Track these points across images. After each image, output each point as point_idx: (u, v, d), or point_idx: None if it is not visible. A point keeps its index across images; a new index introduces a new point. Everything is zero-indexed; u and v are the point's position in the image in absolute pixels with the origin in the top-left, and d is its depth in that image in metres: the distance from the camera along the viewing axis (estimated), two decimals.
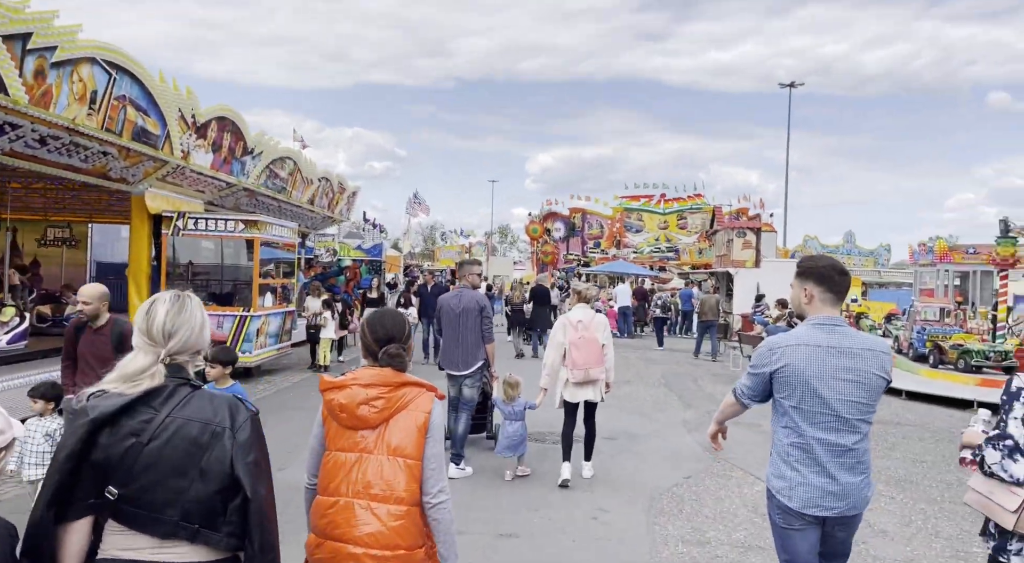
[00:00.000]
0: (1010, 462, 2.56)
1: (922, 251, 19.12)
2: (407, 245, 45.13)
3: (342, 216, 22.47)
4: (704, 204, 42.82)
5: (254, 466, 1.87)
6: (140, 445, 1.81)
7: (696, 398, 11.32)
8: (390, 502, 2.33)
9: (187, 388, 1.92)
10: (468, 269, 7.22)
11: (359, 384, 2.42)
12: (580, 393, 6.39)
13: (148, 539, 1.82)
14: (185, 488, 1.82)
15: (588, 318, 6.42)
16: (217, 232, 12.57)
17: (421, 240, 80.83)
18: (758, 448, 7.97)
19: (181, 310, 1.98)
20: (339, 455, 2.41)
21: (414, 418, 2.40)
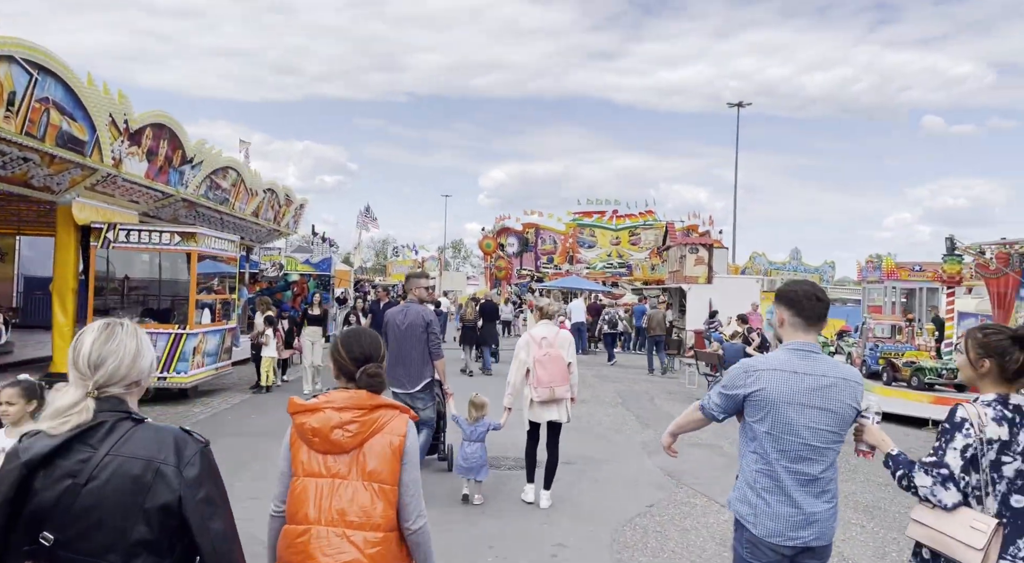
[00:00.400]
0: (941, 489, 2.50)
1: (870, 268, 19.32)
2: (358, 259, 44.21)
3: (289, 229, 21.72)
4: (655, 220, 43.17)
5: (204, 504, 1.75)
6: (77, 486, 1.69)
7: (653, 418, 10.99)
8: (366, 529, 2.24)
9: (128, 422, 1.78)
10: (415, 282, 6.85)
11: (332, 407, 2.31)
12: (545, 413, 6.12)
13: None
14: (127, 530, 1.69)
15: (552, 335, 6.16)
16: (151, 245, 11.80)
17: (373, 255, 79.73)
18: (721, 473, 7.64)
19: (109, 339, 1.82)
20: (310, 481, 2.29)
21: (389, 442, 2.31)
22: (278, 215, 20.19)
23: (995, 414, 2.53)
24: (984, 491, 2.50)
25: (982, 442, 2.48)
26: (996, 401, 2.56)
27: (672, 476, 7.60)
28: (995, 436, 2.49)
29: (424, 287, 6.84)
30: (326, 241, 28.44)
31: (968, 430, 2.50)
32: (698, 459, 8.37)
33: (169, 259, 13.18)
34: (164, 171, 13.16)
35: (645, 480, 7.44)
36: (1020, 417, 2.55)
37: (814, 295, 2.87)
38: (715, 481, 7.38)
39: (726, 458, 8.48)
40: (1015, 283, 16.05)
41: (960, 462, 2.49)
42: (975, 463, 2.49)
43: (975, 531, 2.44)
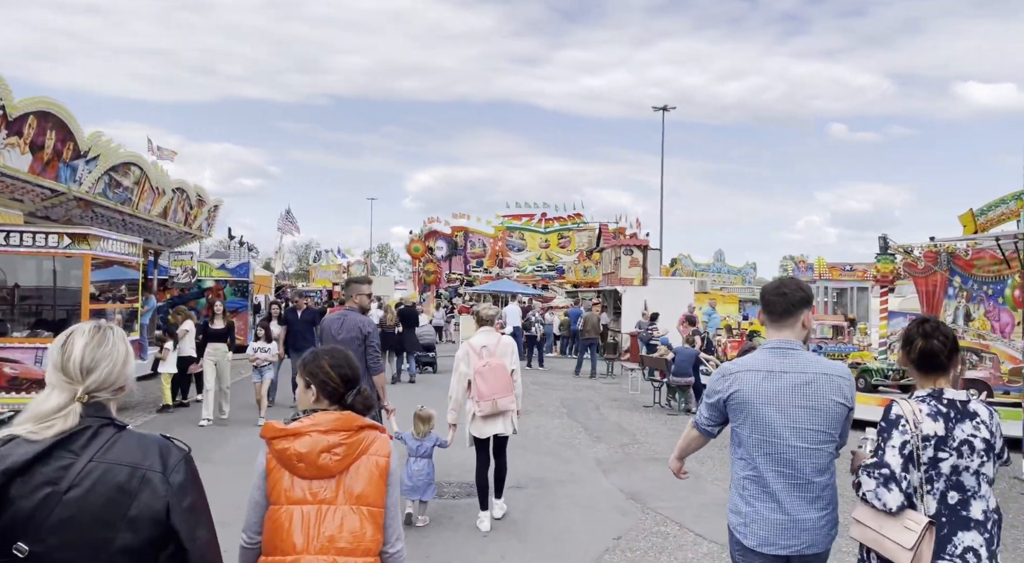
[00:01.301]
0: (884, 491, 2.43)
1: (801, 268, 19.29)
2: (279, 265, 42.21)
3: (203, 232, 20.05)
4: (584, 223, 43.01)
5: (190, 512, 1.70)
6: (57, 494, 1.58)
7: (603, 429, 10.24)
8: (357, 554, 2.17)
9: (111, 429, 1.70)
10: (356, 288, 6.15)
11: (318, 430, 2.22)
12: (489, 427, 5.67)
13: None
14: (111, 540, 1.60)
15: (493, 342, 5.70)
16: (36, 247, 10.29)
17: (295, 260, 77.02)
18: (687, 493, 6.92)
19: (102, 343, 1.75)
20: (295, 509, 2.17)
21: (375, 463, 2.25)
22: (189, 217, 18.55)
23: (929, 410, 2.47)
24: (923, 489, 2.44)
25: (919, 439, 2.43)
26: (930, 396, 2.50)
27: (635, 498, 6.82)
28: (931, 432, 2.43)
29: (366, 294, 6.15)
30: (244, 245, 26.73)
31: (904, 426, 2.45)
32: (658, 477, 7.63)
33: (63, 265, 11.62)
34: (52, 166, 11.59)
35: (606, 504, 6.63)
36: (955, 412, 2.48)
37: (777, 290, 2.78)
38: (683, 503, 6.64)
39: (695, 478, 7.76)
40: (943, 282, 16.17)
41: (900, 460, 2.42)
42: (913, 460, 2.44)
43: (907, 530, 2.38)
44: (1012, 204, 14.56)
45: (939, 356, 2.52)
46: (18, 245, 10.22)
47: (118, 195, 14.20)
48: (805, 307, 2.77)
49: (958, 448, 2.44)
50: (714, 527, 5.90)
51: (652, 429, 10.31)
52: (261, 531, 2.21)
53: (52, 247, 10.34)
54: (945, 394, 2.51)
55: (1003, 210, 14.77)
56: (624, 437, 9.69)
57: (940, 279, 16.10)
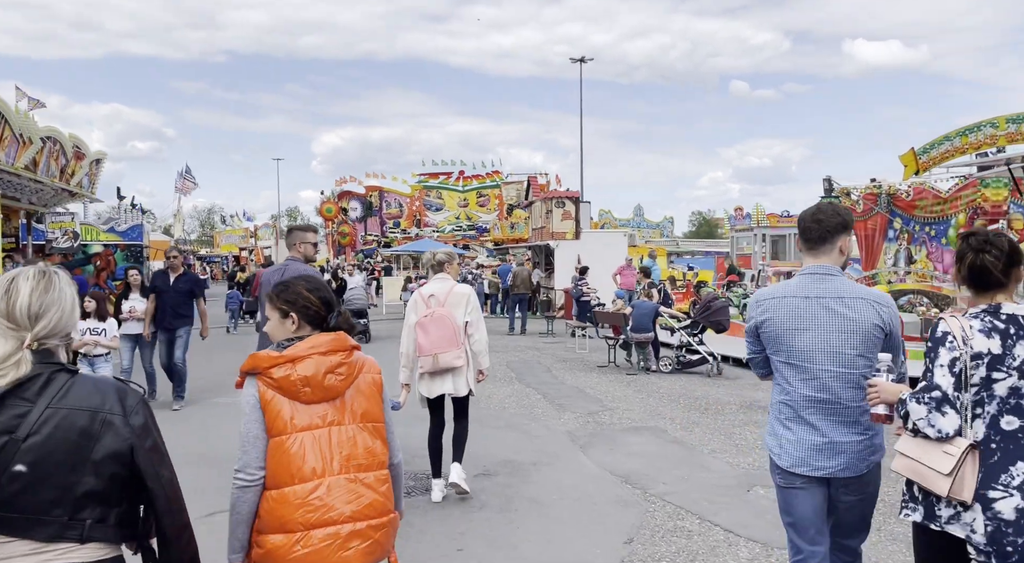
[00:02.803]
0: (937, 415, 2.18)
1: (738, 216, 18.56)
2: (179, 229, 38.82)
3: (84, 190, 17.37)
4: (502, 180, 41.60)
5: (153, 452, 1.70)
6: (16, 442, 1.57)
7: (563, 395, 8.98)
8: (374, 468, 2.19)
9: (65, 374, 1.66)
10: (299, 236, 5.35)
11: (319, 352, 2.16)
12: (437, 386, 5.01)
13: (24, 544, 1.58)
14: (74, 484, 1.59)
15: (443, 291, 5.03)
16: None
17: (198, 225, 72.28)
18: (693, 472, 5.74)
19: (49, 288, 1.69)
20: (304, 435, 2.12)
21: (372, 380, 2.28)
22: (66, 171, 15.90)
23: (982, 326, 2.24)
24: (972, 412, 2.22)
25: (968, 357, 2.20)
26: (985, 312, 2.26)
27: (630, 482, 5.57)
28: (984, 349, 2.20)
29: (311, 242, 5.37)
30: (136, 206, 23.86)
31: (952, 343, 2.23)
32: (645, 452, 6.42)
33: None
34: None
35: (599, 492, 5.34)
36: (1017, 328, 2.21)
37: (814, 216, 2.70)
38: (689, 485, 5.44)
39: (680, 446, 6.60)
40: (883, 224, 15.70)
41: (951, 379, 2.20)
42: (963, 380, 2.21)
43: (946, 455, 2.18)
44: (957, 141, 14.03)
45: (992, 272, 2.24)
46: None
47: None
48: (843, 232, 2.68)
49: (1019, 368, 2.18)
50: (740, 518, 4.73)
51: (618, 393, 9.13)
52: (263, 466, 2.11)
53: None
54: (1003, 309, 2.24)
55: (947, 147, 14.23)
56: (590, 404, 8.46)
57: (880, 221, 15.63)
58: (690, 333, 10.55)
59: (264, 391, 2.13)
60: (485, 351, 5.07)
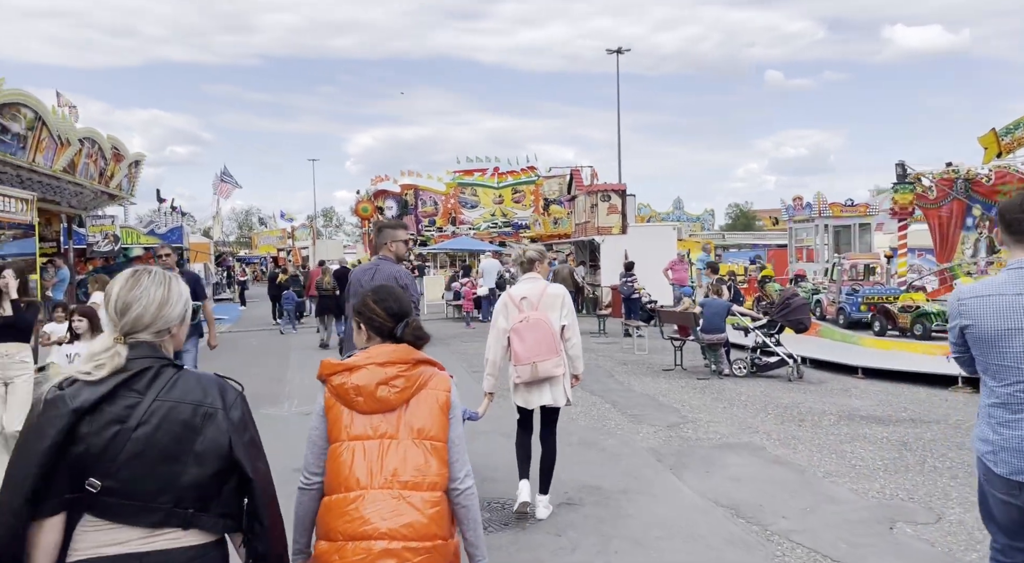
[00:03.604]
0: None
1: (797, 206, 17.44)
2: (218, 231, 38.72)
3: (123, 192, 17.00)
4: (539, 176, 40.77)
5: (251, 445, 1.76)
6: (127, 432, 1.64)
7: (635, 405, 8.16)
8: (423, 489, 2.05)
9: (172, 369, 1.74)
10: (390, 234, 4.89)
11: (375, 363, 2.12)
12: (534, 396, 4.61)
13: (135, 530, 1.65)
14: (179, 473, 1.67)
15: (536, 292, 4.60)
16: None
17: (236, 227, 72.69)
18: (817, 502, 4.90)
19: (134, 286, 1.78)
20: (357, 444, 2.08)
21: (435, 397, 2.15)
22: (105, 173, 15.52)
23: None
24: None
25: None
26: None
27: (742, 515, 4.74)
28: None
29: (402, 240, 4.90)
30: (176, 209, 23.56)
31: None
32: (751, 475, 5.58)
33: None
34: None
35: (710, 531, 4.51)
36: None
37: (1020, 207, 2.50)
38: (817, 520, 4.59)
39: (787, 468, 5.74)
40: (960, 211, 14.53)
41: None
42: None
43: None
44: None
45: None
46: None
47: (7, 144, 11.23)
48: None
49: None
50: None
51: (694, 401, 8.28)
52: (320, 471, 2.12)
53: None
54: None
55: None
56: (668, 414, 7.63)
57: (956, 208, 14.47)
58: (766, 333, 9.65)
59: (328, 397, 2.13)
60: (580, 355, 4.70)
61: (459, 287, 19.19)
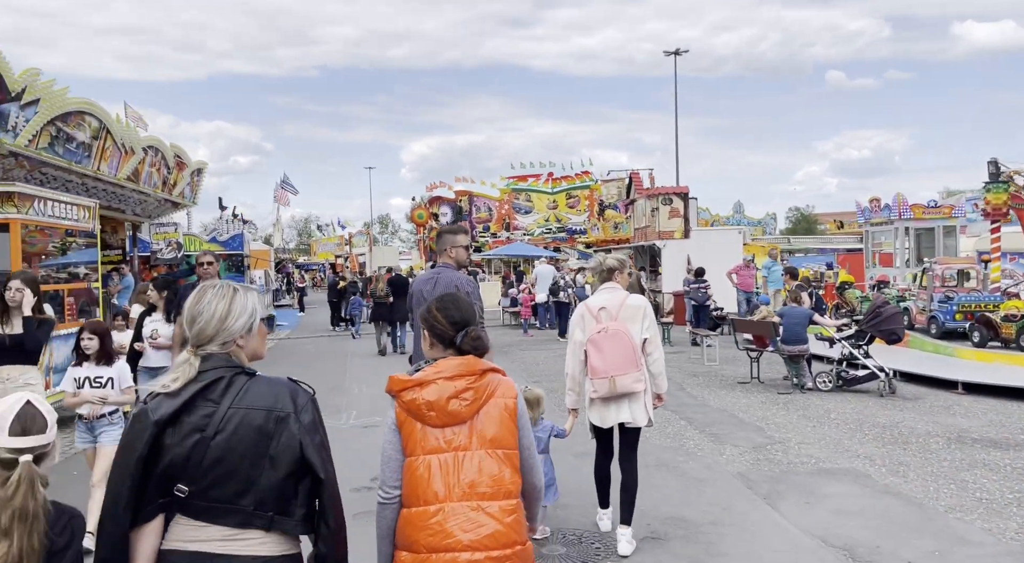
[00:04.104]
0: None
1: (874, 208, 16.38)
2: (278, 238, 39.29)
3: (186, 199, 17.13)
4: (593, 181, 40.13)
5: (321, 448, 1.80)
6: (206, 440, 1.73)
7: (714, 422, 7.53)
8: (499, 498, 2.07)
9: (244, 377, 1.82)
10: (449, 240, 4.61)
11: (444, 377, 2.13)
12: (611, 413, 4.31)
13: (219, 529, 1.74)
14: (256, 477, 1.73)
15: (615, 303, 4.33)
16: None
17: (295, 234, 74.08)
18: (945, 544, 4.23)
19: (200, 300, 1.88)
20: (431, 458, 2.09)
21: (504, 405, 2.16)
22: (168, 182, 15.62)
23: None
24: None
25: None
26: None
27: (857, 556, 4.11)
28: None
29: (463, 246, 4.56)
30: (237, 216, 23.76)
31: None
32: (860, 508, 4.92)
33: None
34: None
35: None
36: None
37: None
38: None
39: (901, 500, 5.05)
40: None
41: None
42: None
43: None
44: None
45: None
46: None
47: (72, 152, 11.29)
48: None
49: None
50: None
51: (779, 418, 7.60)
52: (398, 485, 2.12)
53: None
54: None
55: None
56: (752, 433, 6.98)
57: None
58: (854, 344, 8.87)
59: (400, 412, 2.14)
60: (664, 372, 4.37)
61: (516, 293, 18.73)
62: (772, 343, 9.23)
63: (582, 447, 6.35)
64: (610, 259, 4.51)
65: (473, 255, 37.66)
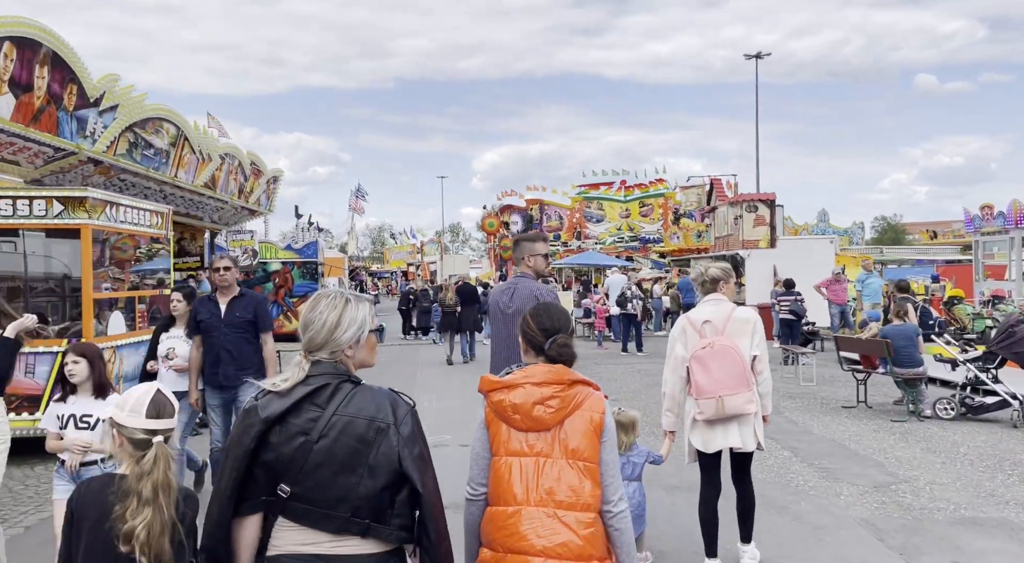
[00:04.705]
0: None
1: (986, 216, 14.90)
2: (353, 246, 39.77)
3: (262, 207, 17.21)
4: (667, 189, 39.00)
5: (419, 460, 1.81)
6: (310, 443, 1.77)
7: (822, 453, 6.66)
8: (577, 509, 2.07)
9: (350, 385, 1.87)
10: (527, 248, 4.19)
11: (531, 383, 2.16)
12: (717, 437, 3.88)
13: (318, 534, 1.78)
14: (355, 484, 1.76)
15: (721, 316, 3.92)
16: (16, 218, 7.39)
17: (369, 242, 75.32)
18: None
19: (313, 309, 1.94)
20: (513, 460, 2.13)
21: (590, 418, 2.14)
22: (244, 189, 15.68)
23: None
24: None
25: None
26: None
27: None
28: None
29: (541, 254, 4.15)
30: (312, 224, 23.94)
31: None
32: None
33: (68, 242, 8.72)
34: (50, 115, 8.70)
35: None
36: None
37: None
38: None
39: None
40: None
41: None
42: None
43: None
44: None
45: None
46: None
47: (150, 159, 11.30)
48: None
49: None
50: None
51: (899, 451, 6.65)
52: (484, 483, 2.16)
53: (39, 216, 7.42)
54: None
55: None
56: (870, 469, 6.09)
57: None
58: (982, 367, 7.80)
59: (488, 412, 2.18)
60: (771, 392, 4.05)
61: (590, 304, 18.01)
62: (885, 365, 8.23)
63: (675, 478, 5.66)
64: (714, 268, 4.12)
65: None
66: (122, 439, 1.95)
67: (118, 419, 1.96)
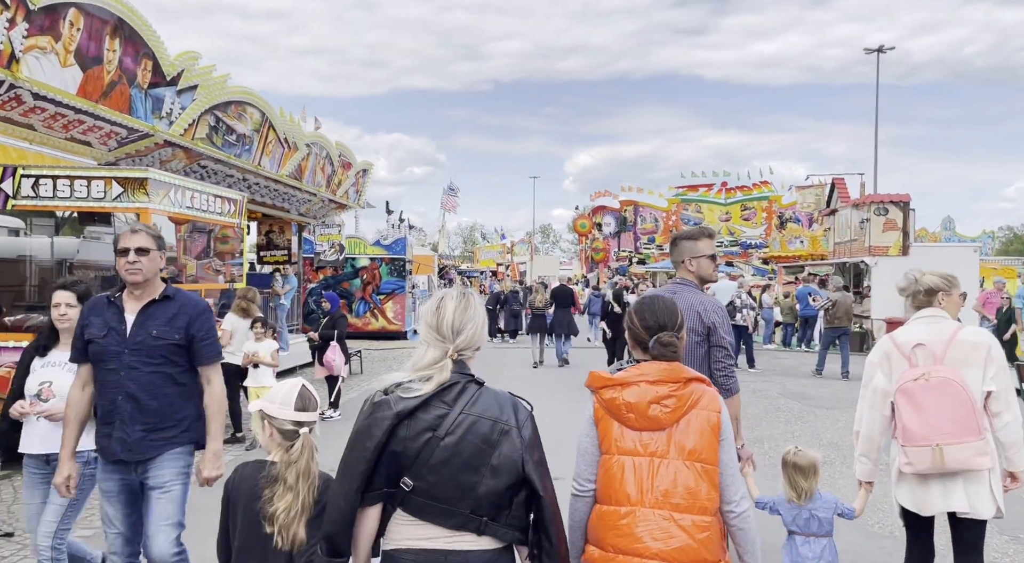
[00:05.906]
0: None
1: None
2: (443, 244, 39.29)
3: (351, 200, 16.50)
4: (772, 192, 36.40)
5: (540, 465, 1.85)
6: (436, 439, 1.79)
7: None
8: (694, 512, 2.01)
9: (475, 385, 1.89)
10: (689, 249, 3.31)
11: (646, 381, 2.10)
12: (934, 496, 3.03)
13: (436, 529, 1.80)
14: (476, 483, 1.79)
15: (939, 339, 3.07)
16: (75, 200, 6.69)
17: (460, 242, 75.38)
18: None
19: (467, 308, 1.93)
20: (626, 459, 2.07)
21: (707, 418, 2.07)
22: (332, 181, 14.97)
23: None
24: None
25: None
26: None
27: None
28: None
29: (706, 255, 3.26)
30: (404, 221, 23.29)
31: None
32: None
33: None
34: (120, 91, 8.02)
35: None
36: None
37: None
38: None
39: None
40: None
41: None
42: None
43: None
44: None
45: None
46: (52, 196, 6.66)
47: (232, 145, 10.60)
48: None
49: None
50: None
51: None
52: (592, 479, 2.12)
53: (98, 198, 6.68)
54: None
55: None
56: None
57: None
58: None
59: (598, 408, 2.12)
60: (1021, 442, 3.02)
61: None
62: None
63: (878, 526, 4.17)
64: (930, 276, 3.24)
65: (636, 267, 35.30)
66: (272, 430, 2.10)
67: (269, 411, 2.11)
